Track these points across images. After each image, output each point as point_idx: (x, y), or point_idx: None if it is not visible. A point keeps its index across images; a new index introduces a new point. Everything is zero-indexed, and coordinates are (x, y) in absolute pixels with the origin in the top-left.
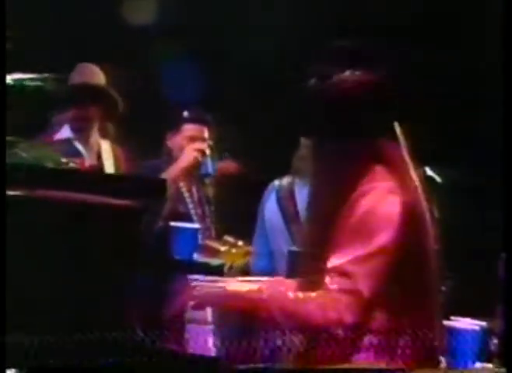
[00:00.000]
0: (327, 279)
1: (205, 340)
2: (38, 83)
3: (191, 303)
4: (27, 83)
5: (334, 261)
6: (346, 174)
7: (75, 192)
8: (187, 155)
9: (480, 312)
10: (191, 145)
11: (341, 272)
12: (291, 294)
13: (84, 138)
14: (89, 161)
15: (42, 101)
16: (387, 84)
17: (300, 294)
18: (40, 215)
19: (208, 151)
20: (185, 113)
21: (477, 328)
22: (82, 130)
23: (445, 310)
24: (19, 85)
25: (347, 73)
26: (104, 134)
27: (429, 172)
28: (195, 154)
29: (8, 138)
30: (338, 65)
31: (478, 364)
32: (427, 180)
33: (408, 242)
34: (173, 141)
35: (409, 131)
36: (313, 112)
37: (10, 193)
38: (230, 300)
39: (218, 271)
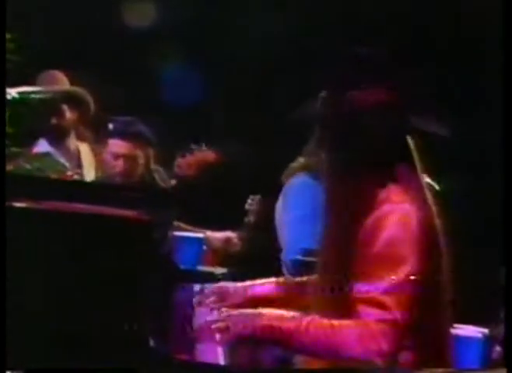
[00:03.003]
0: (360, 309)
1: (214, 350)
2: (41, 95)
3: (220, 336)
4: (33, 96)
5: (364, 291)
6: (360, 192)
7: (82, 203)
8: None
9: (483, 320)
10: None
11: (375, 302)
12: (326, 324)
13: (64, 147)
14: (71, 171)
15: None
16: (401, 101)
17: (336, 323)
18: (47, 227)
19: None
20: (110, 126)
21: (480, 335)
22: (60, 139)
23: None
24: (22, 98)
25: (360, 89)
26: (82, 138)
27: (427, 179)
28: None
29: (13, 149)
30: (352, 76)
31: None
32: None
33: (427, 262)
34: (105, 155)
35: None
36: (324, 127)
37: (16, 204)
38: (263, 334)
39: (222, 280)
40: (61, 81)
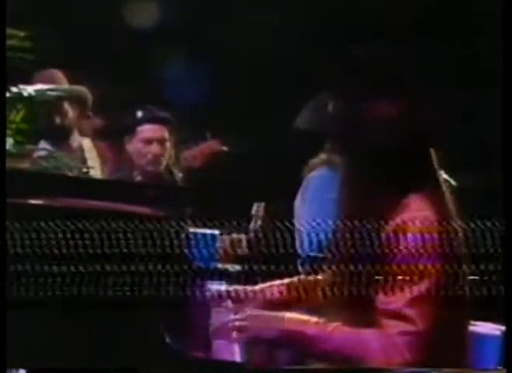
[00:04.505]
0: (384, 321)
1: (229, 351)
2: (56, 93)
3: (238, 336)
4: (48, 93)
5: (387, 303)
6: (379, 201)
7: (98, 201)
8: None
9: (501, 317)
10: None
11: (399, 315)
12: (351, 330)
13: (67, 144)
14: (77, 169)
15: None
16: (417, 109)
17: (358, 332)
18: (63, 224)
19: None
20: (139, 113)
21: (498, 332)
22: (63, 137)
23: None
24: (39, 95)
25: (375, 98)
26: (83, 133)
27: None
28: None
29: (29, 147)
30: (365, 86)
31: (499, 369)
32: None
33: (449, 275)
34: (131, 146)
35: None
36: (338, 138)
37: (32, 202)
38: (289, 336)
39: (237, 277)
40: (60, 80)
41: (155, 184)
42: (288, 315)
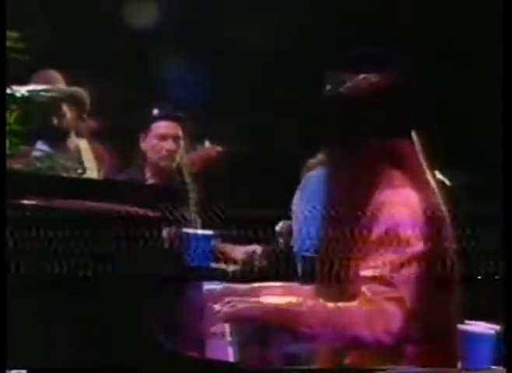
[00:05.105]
0: (365, 288)
1: (223, 351)
2: (52, 94)
3: (225, 318)
4: (42, 94)
5: (369, 270)
6: (363, 179)
7: (92, 201)
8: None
9: (495, 316)
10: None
11: (381, 280)
12: (331, 305)
13: (64, 145)
14: (73, 170)
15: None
16: (401, 87)
17: (341, 305)
18: (59, 225)
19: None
20: (155, 111)
21: (492, 332)
22: (60, 138)
23: (460, 314)
24: (34, 96)
25: (360, 77)
26: (80, 134)
27: (438, 175)
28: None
29: (23, 148)
30: (352, 70)
31: (492, 368)
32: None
33: (432, 247)
34: (146, 142)
35: (422, 136)
36: (325, 117)
37: (27, 202)
38: (267, 315)
39: (234, 277)
40: (58, 81)
41: (151, 185)
42: (270, 297)
